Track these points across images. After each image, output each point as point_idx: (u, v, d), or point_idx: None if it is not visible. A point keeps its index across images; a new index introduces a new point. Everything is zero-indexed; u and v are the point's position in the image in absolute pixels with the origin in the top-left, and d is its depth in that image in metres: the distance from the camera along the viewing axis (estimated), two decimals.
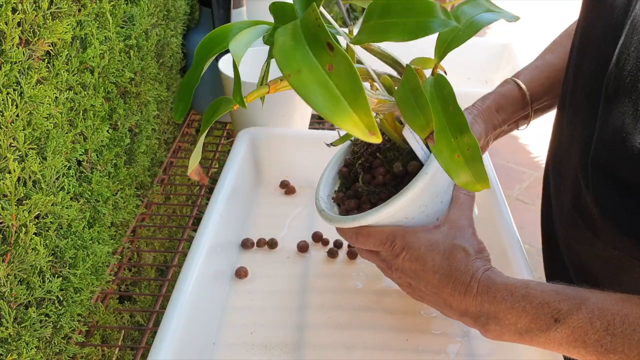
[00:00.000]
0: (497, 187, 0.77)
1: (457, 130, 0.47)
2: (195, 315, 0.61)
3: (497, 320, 0.52)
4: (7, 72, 0.52)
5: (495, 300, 0.52)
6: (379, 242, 0.58)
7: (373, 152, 0.62)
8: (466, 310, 0.54)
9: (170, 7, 0.96)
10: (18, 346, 0.57)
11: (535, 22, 3.82)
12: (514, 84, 0.73)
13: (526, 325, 0.50)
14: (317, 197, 0.64)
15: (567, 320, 0.48)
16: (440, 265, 0.55)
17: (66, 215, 0.63)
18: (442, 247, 0.56)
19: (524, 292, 0.51)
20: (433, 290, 0.56)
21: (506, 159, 2.54)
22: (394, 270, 0.58)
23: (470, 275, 0.54)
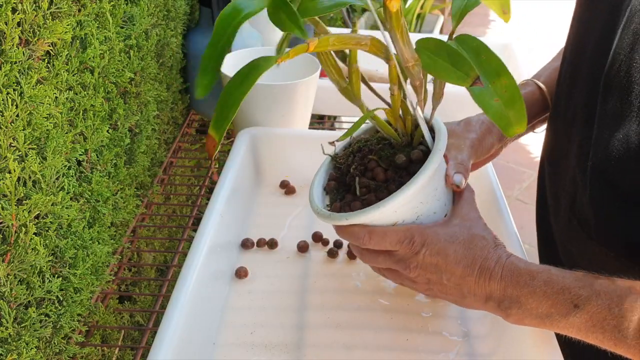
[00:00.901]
0: (497, 187, 0.77)
1: (493, 75, 0.49)
2: (195, 315, 0.61)
3: (520, 305, 0.53)
4: (7, 72, 0.52)
5: (519, 285, 0.53)
6: (396, 241, 0.57)
7: (365, 156, 0.62)
8: (490, 295, 0.54)
9: (170, 7, 0.96)
10: (18, 346, 0.57)
11: (535, 22, 3.82)
12: (535, 86, 0.73)
13: (547, 310, 0.51)
14: (314, 207, 0.62)
15: (586, 306, 0.49)
16: (463, 255, 0.55)
17: (66, 215, 0.63)
18: (461, 238, 0.56)
19: (546, 278, 0.52)
20: (456, 282, 0.56)
21: (506, 159, 2.54)
22: (413, 268, 0.57)
23: (494, 261, 0.55)
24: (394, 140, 0.61)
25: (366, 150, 0.62)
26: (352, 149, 0.64)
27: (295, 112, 0.96)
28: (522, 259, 0.55)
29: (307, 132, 0.98)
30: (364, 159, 0.62)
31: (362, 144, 0.63)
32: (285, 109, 0.95)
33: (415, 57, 0.52)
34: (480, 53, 0.49)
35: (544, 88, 0.72)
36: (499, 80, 0.48)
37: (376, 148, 0.62)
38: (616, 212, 0.54)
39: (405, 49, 0.52)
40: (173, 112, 1.05)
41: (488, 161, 0.75)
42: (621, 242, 0.55)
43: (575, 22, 0.66)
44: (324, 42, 0.48)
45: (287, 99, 0.94)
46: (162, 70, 0.94)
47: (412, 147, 0.60)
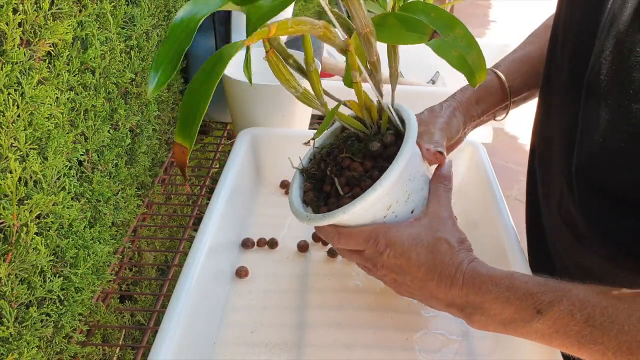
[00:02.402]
0: (496, 187, 0.77)
1: (447, 28, 0.49)
2: (196, 314, 0.61)
3: (482, 311, 0.52)
4: (8, 73, 0.52)
5: (481, 292, 0.52)
6: (362, 241, 0.58)
7: (336, 157, 0.62)
8: (452, 301, 0.54)
9: (171, 8, 0.96)
10: (19, 345, 0.57)
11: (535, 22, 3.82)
12: (494, 75, 0.74)
13: (510, 316, 0.51)
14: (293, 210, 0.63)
15: (549, 312, 0.49)
16: (425, 259, 0.55)
17: (67, 215, 0.63)
18: (425, 241, 0.56)
19: (509, 283, 0.52)
20: (419, 284, 0.56)
21: (505, 159, 2.54)
22: (379, 267, 0.58)
23: (455, 267, 0.54)
24: (361, 133, 0.61)
25: (336, 151, 0.62)
26: (320, 156, 0.64)
27: (295, 112, 0.97)
28: (485, 264, 0.55)
29: (307, 132, 0.98)
30: (337, 159, 0.61)
31: (329, 149, 0.64)
32: (285, 109, 0.95)
33: (370, 24, 0.52)
34: (429, 12, 0.50)
35: (503, 77, 0.73)
36: (453, 32, 0.49)
37: (345, 146, 0.61)
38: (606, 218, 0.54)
39: (360, 14, 0.52)
40: (174, 112, 1.05)
41: (455, 146, 0.75)
42: (611, 247, 0.55)
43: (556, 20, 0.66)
44: (283, 25, 0.47)
45: (287, 99, 0.94)
46: None
47: (382, 134, 0.60)
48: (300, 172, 0.66)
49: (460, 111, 0.70)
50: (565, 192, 0.60)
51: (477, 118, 0.72)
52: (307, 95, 0.59)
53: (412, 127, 0.58)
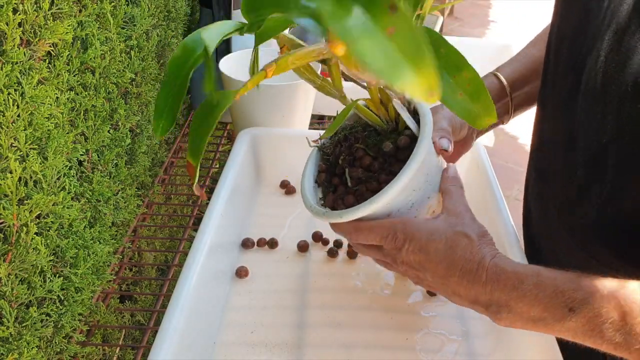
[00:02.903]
0: (496, 187, 0.77)
1: (454, 69, 0.46)
2: (196, 314, 0.61)
3: (509, 309, 0.50)
4: (8, 73, 0.52)
5: (506, 289, 0.50)
6: (380, 236, 0.57)
7: (352, 145, 0.61)
8: (476, 298, 0.52)
9: (171, 8, 0.96)
10: (19, 345, 0.57)
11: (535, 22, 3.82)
12: (494, 77, 0.74)
13: (539, 314, 0.49)
14: (310, 207, 0.62)
15: (582, 310, 0.47)
16: (444, 255, 0.53)
17: (67, 215, 0.63)
18: (443, 236, 0.54)
19: (536, 280, 0.50)
20: (440, 281, 0.54)
21: (505, 159, 2.54)
22: (399, 263, 0.57)
23: (477, 263, 0.52)
24: (379, 127, 0.61)
25: (352, 139, 0.61)
26: (338, 137, 0.63)
27: (295, 112, 0.97)
28: (508, 259, 0.53)
29: (307, 132, 0.98)
30: (352, 148, 0.61)
31: (348, 132, 0.62)
32: (285, 109, 0.95)
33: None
34: (440, 46, 0.46)
35: (502, 78, 0.73)
36: (460, 75, 0.46)
37: (362, 136, 0.61)
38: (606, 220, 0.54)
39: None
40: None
41: (464, 151, 0.75)
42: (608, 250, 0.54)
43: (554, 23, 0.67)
44: (283, 63, 0.46)
45: (287, 99, 0.94)
46: (162, 71, 0.95)
47: (398, 133, 0.60)
48: (319, 150, 0.65)
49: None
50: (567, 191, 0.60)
51: None
52: (326, 86, 0.57)
53: (427, 130, 0.56)
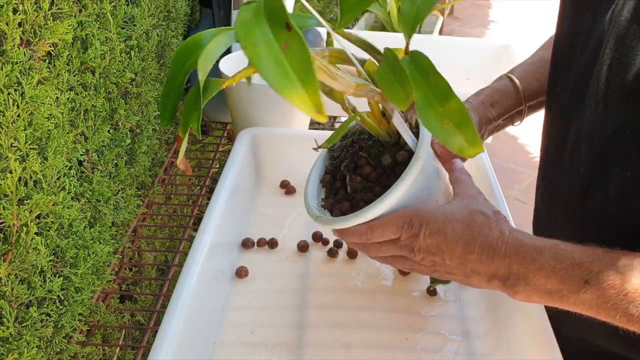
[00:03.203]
0: (496, 187, 0.77)
1: (442, 99, 0.47)
2: (196, 314, 0.61)
3: (527, 281, 0.51)
4: (8, 73, 0.52)
5: (525, 261, 0.51)
6: (396, 228, 0.56)
7: (356, 152, 0.62)
8: (495, 273, 0.53)
9: (171, 8, 0.96)
10: (19, 345, 0.57)
11: (535, 22, 3.82)
12: (508, 80, 0.74)
13: (556, 286, 0.49)
14: (308, 207, 0.63)
15: (597, 282, 0.48)
16: (461, 233, 0.54)
17: (67, 215, 0.63)
18: (459, 216, 0.55)
19: (554, 253, 0.50)
20: (459, 261, 0.54)
21: (505, 159, 2.54)
22: (417, 252, 0.57)
23: (496, 237, 0.53)
24: (382, 138, 0.61)
25: (357, 147, 0.62)
26: (346, 141, 0.64)
27: (295, 112, 0.97)
28: (526, 233, 0.53)
29: (307, 132, 0.98)
30: (355, 156, 0.62)
31: (356, 137, 0.64)
32: (285, 109, 0.95)
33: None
34: (429, 74, 0.48)
35: (517, 81, 0.73)
36: (448, 104, 0.47)
37: (367, 145, 0.62)
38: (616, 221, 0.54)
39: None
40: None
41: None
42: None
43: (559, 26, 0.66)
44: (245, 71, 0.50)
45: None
46: (163, 71, 0.95)
47: (400, 147, 0.60)
48: (329, 150, 0.66)
49: (476, 112, 0.69)
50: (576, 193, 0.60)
51: (493, 121, 0.72)
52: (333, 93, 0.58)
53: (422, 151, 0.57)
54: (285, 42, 0.36)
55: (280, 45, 0.36)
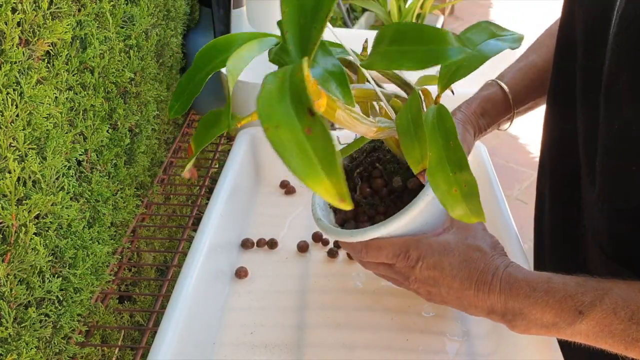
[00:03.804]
0: (497, 187, 0.77)
1: (456, 166, 0.47)
2: (195, 315, 0.61)
3: (523, 316, 0.52)
4: (7, 72, 0.52)
5: (519, 297, 0.52)
6: (392, 255, 0.57)
7: (373, 162, 0.62)
8: (492, 308, 0.54)
9: (170, 7, 0.96)
10: (18, 346, 0.57)
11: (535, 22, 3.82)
12: (498, 87, 0.74)
13: (551, 320, 0.50)
14: (313, 203, 0.63)
15: (591, 312, 0.49)
16: (458, 269, 0.55)
17: (66, 215, 0.63)
18: (456, 250, 0.55)
19: (547, 287, 0.51)
20: (455, 295, 0.55)
21: (506, 159, 2.54)
22: (412, 281, 0.58)
23: (491, 274, 0.53)
24: (399, 157, 0.61)
25: (375, 157, 0.62)
26: (369, 145, 0.64)
27: None
28: (520, 267, 0.54)
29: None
30: (371, 165, 0.61)
31: (379, 144, 0.63)
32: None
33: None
34: (450, 138, 0.47)
35: (506, 89, 0.73)
36: (460, 174, 0.47)
37: (385, 158, 0.61)
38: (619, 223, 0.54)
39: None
40: None
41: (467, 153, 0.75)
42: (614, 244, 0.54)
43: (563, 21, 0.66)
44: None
45: None
46: (162, 70, 0.94)
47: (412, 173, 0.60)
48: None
49: (470, 124, 0.70)
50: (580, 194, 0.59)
51: (484, 130, 0.72)
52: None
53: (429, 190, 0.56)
54: (308, 127, 0.33)
55: (303, 130, 0.33)
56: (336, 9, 2.22)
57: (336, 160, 0.33)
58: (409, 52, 0.42)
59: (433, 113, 0.49)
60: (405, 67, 0.42)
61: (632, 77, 0.51)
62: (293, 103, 0.34)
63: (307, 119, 0.34)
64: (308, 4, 0.37)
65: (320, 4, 0.37)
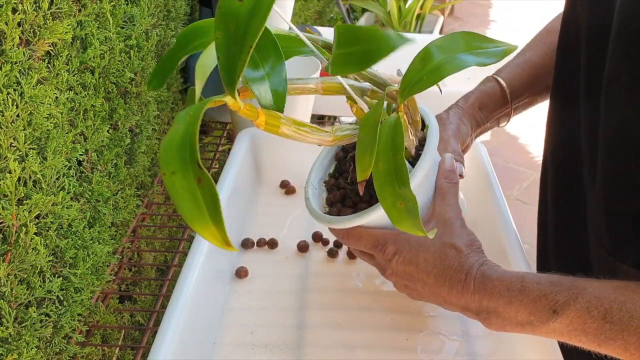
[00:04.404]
0: (496, 187, 0.77)
1: (400, 181, 0.48)
2: (196, 315, 0.61)
3: (498, 314, 0.52)
4: (8, 72, 0.52)
5: (493, 297, 0.52)
6: (370, 245, 0.58)
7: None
8: (466, 306, 0.54)
9: (171, 8, 0.96)
10: (18, 346, 0.57)
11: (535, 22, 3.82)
12: (495, 82, 0.74)
13: (526, 318, 0.51)
14: (307, 181, 0.64)
15: (565, 311, 0.49)
16: (433, 265, 0.55)
17: (66, 215, 0.63)
18: (432, 247, 0.56)
19: (520, 286, 0.51)
20: (430, 290, 0.56)
21: (506, 159, 2.54)
22: (389, 274, 0.59)
23: (465, 273, 0.54)
24: None
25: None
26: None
27: (295, 112, 0.97)
28: (494, 266, 0.54)
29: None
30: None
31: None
32: (286, 109, 0.95)
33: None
34: (398, 153, 0.48)
35: (504, 83, 0.74)
36: (404, 189, 0.47)
37: None
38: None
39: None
40: (173, 112, 1.05)
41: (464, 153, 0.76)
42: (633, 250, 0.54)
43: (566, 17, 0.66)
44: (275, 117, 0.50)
45: (287, 99, 0.94)
46: None
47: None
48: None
49: (467, 118, 0.70)
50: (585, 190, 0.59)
51: (482, 124, 0.72)
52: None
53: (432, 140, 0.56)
54: (199, 177, 0.36)
55: (195, 178, 0.36)
56: (336, 9, 2.22)
57: (220, 209, 0.36)
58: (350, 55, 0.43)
59: (391, 123, 0.49)
60: (350, 70, 0.44)
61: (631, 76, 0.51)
62: (189, 151, 0.36)
63: (198, 169, 0.36)
64: (238, 33, 0.38)
65: (247, 35, 0.37)
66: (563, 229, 0.70)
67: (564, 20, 0.66)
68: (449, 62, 0.50)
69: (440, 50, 0.50)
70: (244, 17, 0.37)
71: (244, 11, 0.36)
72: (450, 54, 0.50)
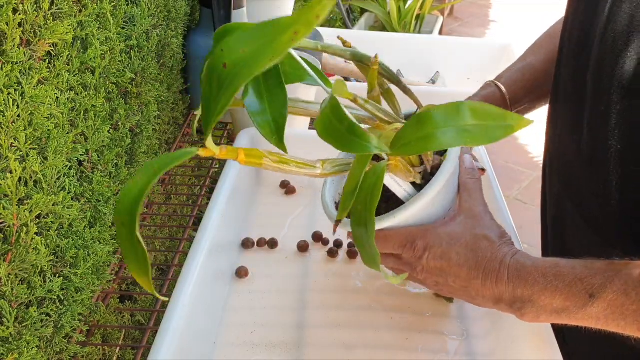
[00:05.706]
0: (496, 187, 0.77)
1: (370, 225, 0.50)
2: (196, 314, 0.61)
3: (532, 303, 0.51)
4: (8, 73, 0.52)
5: (528, 284, 0.51)
6: (398, 245, 0.57)
7: None
8: (500, 297, 0.53)
9: (171, 8, 0.96)
10: (19, 345, 0.57)
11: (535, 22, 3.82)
12: (495, 87, 0.74)
13: (562, 304, 0.50)
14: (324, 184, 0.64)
15: (602, 294, 0.48)
16: (466, 258, 0.54)
17: (67, 215, 0.63)
18: (463, 240, 0.55)
19: (555, 272, 0.51)
20: (462, 284, 0.55)
21: (505, 159, 2.54)
22: (419, 272, 0.57)
23: (499, 262, 0.53)
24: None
25: None
26: None
27: (295, 118, 0.97)
28: (529, 255, 0.54)
29: (307, 132, 0.98)
30: None
31: None
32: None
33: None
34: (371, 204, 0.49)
35: (504, 89, 0.74)
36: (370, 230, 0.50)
37: None
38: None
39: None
40: (174, 112, 1.05)
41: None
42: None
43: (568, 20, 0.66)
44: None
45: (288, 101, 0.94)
46: (162, 71, 0.95)
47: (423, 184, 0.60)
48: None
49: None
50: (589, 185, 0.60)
51: None
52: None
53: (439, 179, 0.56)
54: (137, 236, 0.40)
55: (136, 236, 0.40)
56: (336, 10, 2.22)
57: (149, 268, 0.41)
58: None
59: (375, 172, 0.50)
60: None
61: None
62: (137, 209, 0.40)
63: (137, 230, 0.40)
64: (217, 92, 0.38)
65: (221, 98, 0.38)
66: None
67: (566, 24, 0.67)
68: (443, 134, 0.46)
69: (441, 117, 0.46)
70: (224, 81, 0.37)
71: (225, 76, 0.37)
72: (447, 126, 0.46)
